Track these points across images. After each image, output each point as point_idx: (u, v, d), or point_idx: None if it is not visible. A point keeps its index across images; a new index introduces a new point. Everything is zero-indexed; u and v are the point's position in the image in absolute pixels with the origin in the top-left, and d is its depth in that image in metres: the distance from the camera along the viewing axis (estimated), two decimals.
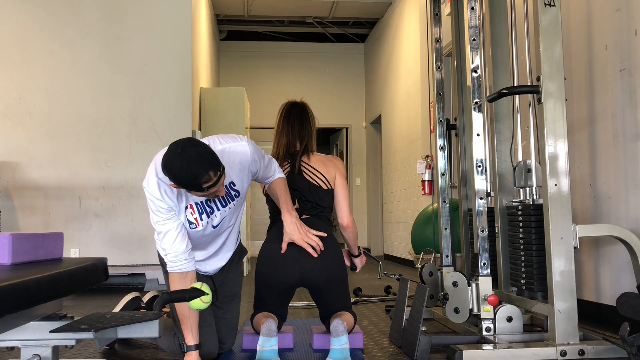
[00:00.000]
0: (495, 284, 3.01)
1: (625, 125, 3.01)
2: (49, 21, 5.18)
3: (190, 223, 2.26)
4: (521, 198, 2.90)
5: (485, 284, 2.69)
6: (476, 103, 2.82)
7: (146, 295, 3.02)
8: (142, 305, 2.93)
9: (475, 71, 2.84)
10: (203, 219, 2.28)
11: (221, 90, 7.31)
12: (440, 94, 3.50)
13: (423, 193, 6.08)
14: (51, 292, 1.83)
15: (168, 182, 2.10)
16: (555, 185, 2.49)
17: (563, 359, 2.38)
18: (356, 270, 2.89)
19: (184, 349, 2.22)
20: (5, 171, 5.00)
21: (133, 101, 5.19)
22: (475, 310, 2.70)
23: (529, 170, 2.86)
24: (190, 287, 1.99)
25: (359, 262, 2.88)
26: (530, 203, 2.81)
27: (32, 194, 5.01)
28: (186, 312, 2.20)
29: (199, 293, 1.96)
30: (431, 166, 5.91)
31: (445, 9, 4.85)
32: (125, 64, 5.22)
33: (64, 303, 2.24)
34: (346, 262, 2.83)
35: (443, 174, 3.43)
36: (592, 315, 3.24)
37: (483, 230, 2.74)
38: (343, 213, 2.72)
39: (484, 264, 2.72)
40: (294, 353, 2.58)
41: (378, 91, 9.36)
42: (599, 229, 2.73)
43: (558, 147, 2.51)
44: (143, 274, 4.95)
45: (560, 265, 2.46)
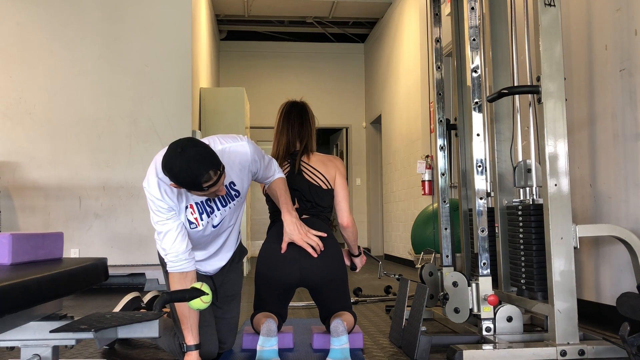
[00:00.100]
0: (495, 284, 3.01)
1: (625, 125, 3.01)
2: (49, 21, 5.18)
3: (191, 223, 2.26)
4: (521, 198, 2.90)
5: (485, 284, 2.69)
6: (476, 103, 2.82)
7: (146, 295, 3.02)
8: (142, 305, 2.93)
9: (475, 71, 2.84)
10: (203, 219, 2.28)
11: (221, 90, 7.31)
12: (440, 94, 3.50)
13: (423, 193, 6.08)
14: (51, 292, 1.83)
15: (168, 182, 2.10)
16: (555, 185, 2.49)
17: (563, 359, 2.38)
18: (356, 270, 2.89)
19: (184, 349, 2.22)
20: (5, 171, 5.00)
21: (133, 101, 5.19)
22: (475, 310, 2.70)
23: (529, 170, 2.86)
24: (190, 287, 1.99)
25: (359, 262, 2.88)
26: (530, 203, 2.80)
27: (32, 194, 5.01)
28: (186, 312, 2.20)
29: (199, 293, 1.96)
30: (431, 166, 5.91)
31: (445, 9, 4.85)
32: (125, 64, 5.22)
33: (64, 303, 2.24)
34: (346, 262, 2.83)
35: (443, 174, 3.43)
36: (592, 315, 3.24)
37: (483, 230, 2.74)
38: (343, 213, 2.72)
39: (484, 264, 2.72)
40: (294, 353, 2.58)
41: (378, 91, 9.36)
42: (599, 229, 2.73)
43: (558, 147, 2.51)
44: (143, 274, 4.96)
45: (560, 265, 2.46)
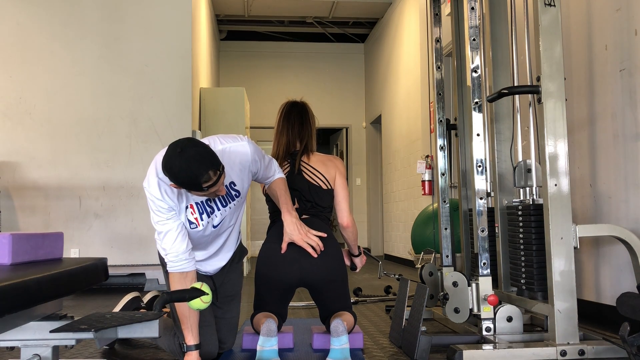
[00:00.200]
0: (495, 284, 3.01)
1: (625, 125, 3.01)
2: (49, 21, 5.18)
3: (191, 223, 2.26)
4: (521, 198, 2.90)
5: (485, 284, 2.69)
6: (476, 103, 2.82)
7: (146, 295, 3.02)
8: (142, 305, 2.93)
9: (475, 71, 2.84)
10: (203, 219, 2.28)
11: (221, 90, 7.31)
12: (440, 94, 3.50)
13: (423, 193, 6.08)
14: (51, 292, 1.83)
15: (168, 182, 2.10)
16: (555, 185, 2.49)
17: (563, 359, 2.38)
18: (356, 270, 2.89)
19: (184, 349, 2.22)
20: (5, 171, 5.00)
21: (133, 101, 5.19)
22: (475, 310, 2.70)
23: (529, 170, 2.86)
24: (190, 287, 1.99)
25: (359, 262, 2.88)
26: (530, 203, 2.80)
27: (32, 194, 5.01)
28: (186, 312, 2.20)
29: (199, 293, 1.96)
30: (431, 166, 5.91)
31: (445, 9, 4.85)
32: (125, 64, 5.22)
33: (64, 303, 2.24)
34: (346, 262, 2.83)
35: (443, 174, 3.43)
36: (592, 315, 3.24)
37: (483, 230, 2.74)
38: (343, 213, 2.72)
39: (484, 264, 2.72)
40: (294, 353, 2.58)
41: (378, 91, 9.36)
42: (599, 229, 2.73)
43: (558, 147, 2.51)
44: (143, 274, 4.95)
45: (560, 265, 2.46)
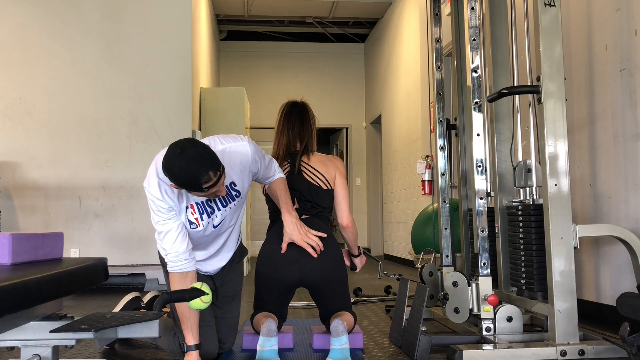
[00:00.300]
0: (495, 284, 3.01)
1: (625, 125, 3.01)
2: (49, 21, 5.18)
3: (191, 223, 2.26)
4: (521, 198, 2.90)
5: (485, 284, 2.69)
6: (476, 103, 2.82)
7: (146, 295, 3.02)
8: (142, 305, 2.93)
9: (475, 71, 2.84)
10: (204, 219, 2.28)
11: (221, 90, 7.31)
12: (440, 94, 3.50)
13: (423, 193, 6.08)
14: (51, 292, 1.83)
15: (169, 182, 2.10)
16: (555, 185, 2.49)
17: (563, 359, 2.38)
18: (356, 270, 2.89)
19: (184, 349, 2.22)
20: (5, 171, 5.00)
21: (133, 101, 5.19)
22: (475, 310, 2.70)
23: (529, 170, 2.86)
24: (191, 287, 1.99)
25: (359, 262, 2.88)
26: (530, 203, 2.80)
27: (32, 194, 5.01)
28: (186, 312, 2.20)
29: (199, 293, 1.96)
30: (431, 166, 5.91)
31: (445, 9, 4.85)
32: (125, 64, 5.22)
33: (64, 303, 2.24)
34: (346, 262, 2.83)
35: (443, 174, 3.43)
36: (592, 315, 3.24)
37: (483, 230, 2.74)
38: (343, 213, 2.72)
39: (484, 264, 2.72)
40: (294, 353, 2.58)
41: (378, 91, 9.36)
42: (599, 229, 2.73)
43: (558, 147, 2.51)
44: (143, 274, 4.95)
45: (560, 265, 2.46)
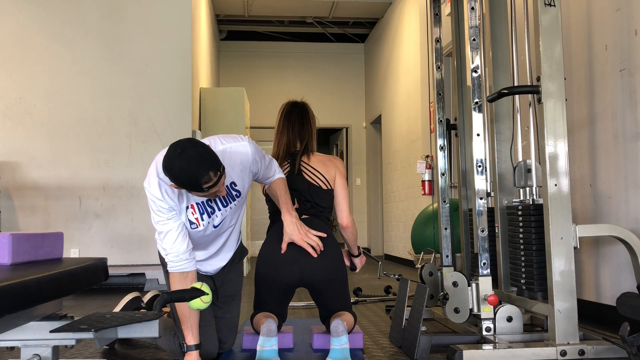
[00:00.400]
0: (495, 284, 3.01)
1: (625, 125, 3.01)
2: (49, 21, 5.18)
3: (191, 223, 2.26)
4: (521, 198, 2.90)
5: (485, 284, 2.69)
6: (476, 103, 2.82)
7: (146, 295, 3.02)
8: (142, 305, 2.93)
9: (475, 71, 2.84)
10: (204, 219, 2.28)
11: (221, 90, 7.31)
12: (440, 94, 3.50)
13: (423, 193, 6.08)
14: (51, 292, 1.83)
15: (169, 182, 2.10)
16: (555, 185, 2.49)
17: (563, 359, 2.38)
18: (356, 270, 2.89)
19: (184, 349, 2.22)
20: (5, 171, 5.00)
21: (133, 101, 5.20)
22: (475, 310, 2.70)
23: (529, 170, 2.86)
24: (191, 287, 1.99)
25: (359, 262, 2.88)
26: (530, 203, 2.80)
27: (32, 194, 5.01)
28: (186, 312, 2.20)
29: (199, 293, 1.96)
30: (431, 166, 5.91)
31: (445, 9, 4.85)
32: (125, 64, 5.22)
33: (64, 303, 2.24)
34: (346, 262, 2.83)
35: (443, 174, 3.43)
36: (592, 315, 3.24)
37: (483, 230, 2.74)
38: (343, 213, 2.72)
39: (484, 264, 2.72)
40: (294, 353, 2.58)
41: (378, 91, 9.36)
42: (599, 229, 2.73)
43: (558, 147, 2.51)
44: (143, 274, 4.95)
45: (560, 265, 2.46)
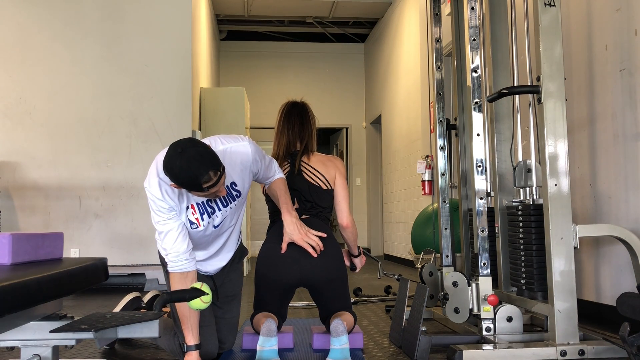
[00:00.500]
0: (495, 284, 3.01)
1: (625, 125, 3.01)
2: (50, 21, 5.18)
3: (192, 223, 2.26)
4: (521, 198, 2.90)
5: (485, 284, 2.69)
6: (476, 103, 2.82)
7: (146, 295, 3.02)
8: (143, 305, 2.93)
9: (475, 71, 2.84)
10: (204, 219, 2.28)
11: (221, 90, 7.31)
12: (440, 94, 3.50)
13: (423, 193, 6.08)
14: (51, 292, 1.83)
15: (169, 182, 2.10)
16: (555, 185, 2.49)
17: (563, 359, 2.38)
18: (356, 270, 2.89)
19: (184, 349, 2.22)
20: (5, 171, 5.00)
21: (133, 101, 5.20)
22: (475, 310, 2.70)
23: (529, 170, 2.86)
24: (191, 287, 1.99)
25: (359, 262, 2.88)
26: (530, 203, 2.80)
27: (32, 194, 5.01)
28: (186, 312, 2.20)
29: (199, 293, 1.96)
30: (431, 166, 5.91)
31: (445, 9, 4.85)
32: (125, 64, 5.22)
33: (64, 303, 2.24)
34: (346, 262, 2.83)
35: (443, 174, 3.43)
36: (592, 315, 3.24)
37: (483, 230, 2.74)
38: (343, 213, 2.72)
39: (484, 264, 2.72)
40: (294, 353, 2.58)
41: (378, 91, 9.36)
42: (599, 229, 2.73)
43: (558, 147, 2.51)
44: (143, 274, 4.95)
45: (560, 265, 2.46)
